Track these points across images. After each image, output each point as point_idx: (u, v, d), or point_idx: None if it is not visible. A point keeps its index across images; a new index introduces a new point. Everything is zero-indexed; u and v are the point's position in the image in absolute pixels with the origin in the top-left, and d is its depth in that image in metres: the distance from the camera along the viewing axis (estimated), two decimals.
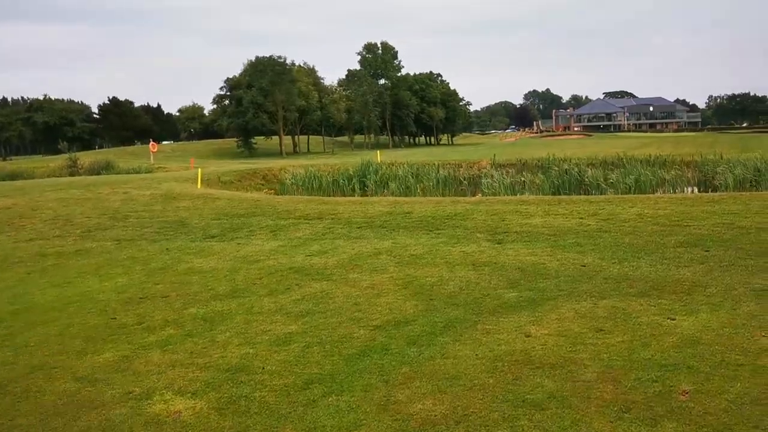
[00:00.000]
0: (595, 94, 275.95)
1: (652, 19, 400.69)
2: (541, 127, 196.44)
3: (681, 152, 59.81)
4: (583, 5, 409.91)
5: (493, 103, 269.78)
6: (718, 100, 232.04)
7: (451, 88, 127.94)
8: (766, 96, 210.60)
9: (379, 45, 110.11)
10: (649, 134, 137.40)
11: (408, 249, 11.51)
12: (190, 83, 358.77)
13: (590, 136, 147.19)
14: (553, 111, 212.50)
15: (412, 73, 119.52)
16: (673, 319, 6.80)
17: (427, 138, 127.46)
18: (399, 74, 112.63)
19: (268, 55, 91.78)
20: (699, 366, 5.56)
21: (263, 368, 6.29)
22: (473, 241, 11.86)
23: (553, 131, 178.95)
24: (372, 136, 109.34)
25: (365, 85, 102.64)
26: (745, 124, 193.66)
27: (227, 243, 13.60)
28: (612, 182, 26.12)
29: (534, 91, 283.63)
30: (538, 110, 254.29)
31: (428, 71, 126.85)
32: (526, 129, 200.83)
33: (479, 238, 12.11)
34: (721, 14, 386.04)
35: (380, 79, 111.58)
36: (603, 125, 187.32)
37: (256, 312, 8.34)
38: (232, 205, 19.09)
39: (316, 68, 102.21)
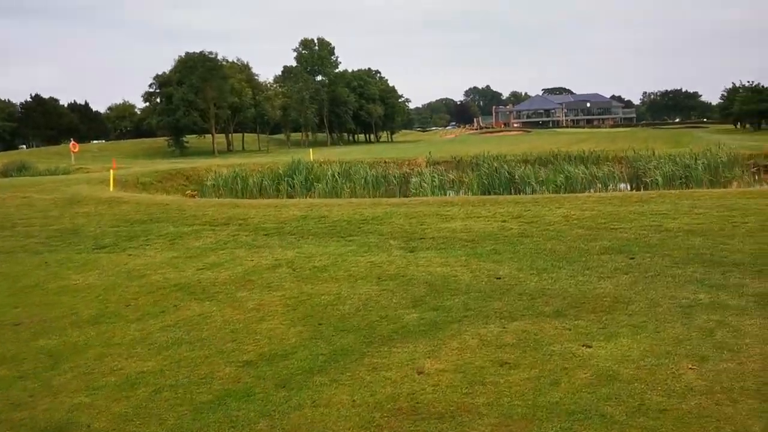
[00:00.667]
0: (535, 90, 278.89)
1: (590, 17, 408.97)
2: (482, 124, 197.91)
3: (615, 148, 60.10)
4: (522, 4, 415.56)
5: (434, 100, 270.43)
6: (652, 96, 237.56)
7: (390, 84, 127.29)
8: (697, 92, 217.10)
9: (315, 41, 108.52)
10: (585, 130, 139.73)
11: (312, 260, 10.37)
12: (122, 80, 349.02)
13: (529, 132, 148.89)
14: (493, 107, 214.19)
15: (350, 70, 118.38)
16: (590, 347, 5.85)
17: (367, 135, 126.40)
18: (336, 71, 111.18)
19: (198, 51, 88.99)
20: (614, 413, 4.59)
21: (89, 426, 5.05)
22: (385, 249, 10.80)
23: (492, 128, 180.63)
24: (309, 133, 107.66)
25: (301, 81, 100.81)
26: (677, 119, 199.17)
27: (117, 254, 12.21)
28: (542, 180, 25.49)
29: (474, 87, 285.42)
30: (479, 107, 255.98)
31: (367, 68, 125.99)
32: (467, 126, 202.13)
33: (392, 245, 11.05)
34: (655, 13, 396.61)
35: (317, 75, 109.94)
36: (542, 121, 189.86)
37: (115, 343, 7.09)
38: (138, 209, 17.60)
39: (250, 64, 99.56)
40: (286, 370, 5.86)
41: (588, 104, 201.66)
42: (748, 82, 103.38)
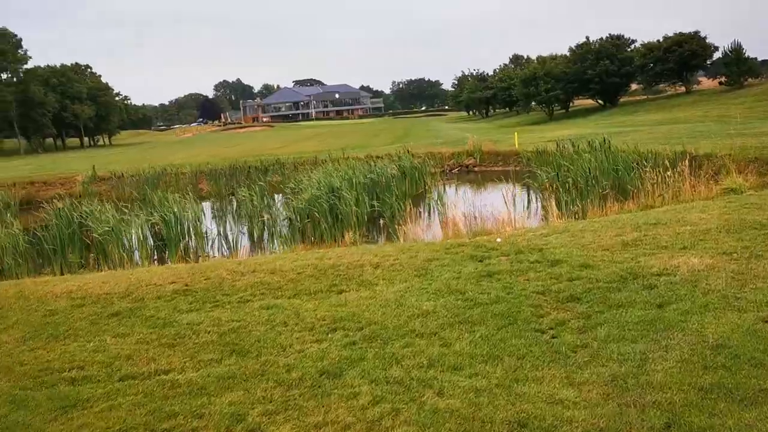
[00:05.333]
0: (287, 83, 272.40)
1: (337, 10, 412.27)
2: (230, 119, 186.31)
3: (340, 145, 53.47)
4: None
5: (182, 95, 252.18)
6: (401, 85, 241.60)
7: (104, 81, 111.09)
8: (438, 80, 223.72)
9: None
10: (328, 123, 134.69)
11: None
12: None
13: (272, 126, 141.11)
14: (241, 102, 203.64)
15: (44, 65, 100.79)
16: None
17: (82, 139, 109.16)
18: (27, 67, 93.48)
19: None
20: None
21: None
22: None
23: (241, 123, 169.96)
24: None
25: None
26: (423, 107, 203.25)
27: None
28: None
29: (225, 81, 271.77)
30: (230, 102, 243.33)
31: (73, 63, 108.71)
32: (214, 122, 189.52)
33: None
34: (394, 6, 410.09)
35: (1, 72, 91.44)
36: (292, 114, 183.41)
37: None
38: None
39: None
40: None
41: (337, 95, 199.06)
42: (475, 70, 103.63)
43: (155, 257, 17.05)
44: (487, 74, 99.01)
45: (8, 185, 39.96)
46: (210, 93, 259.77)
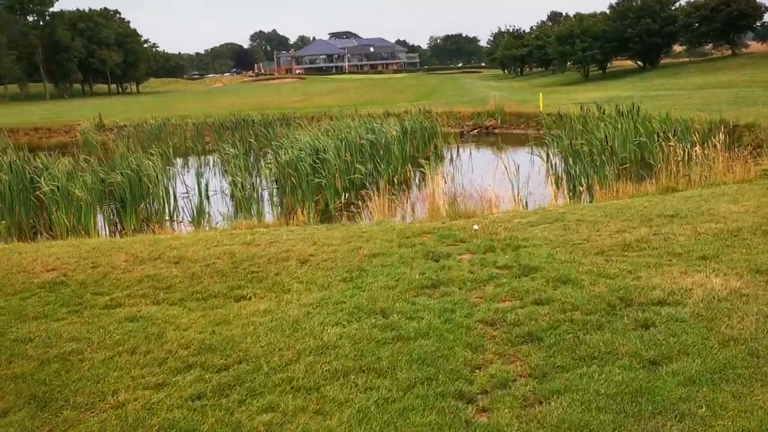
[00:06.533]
0: (323, 35, 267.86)
1: None
2: (263, 70, 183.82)
3: (361, 100, 51.07)
4: None
5: (218, 45, 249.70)
6: (438, 41, 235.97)
7: (132, 27, 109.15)
8: (476, 36, 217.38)
9: None
10: (358, 76, 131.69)
11: None
12: None
13: (303, 79, 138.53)
14: (275, 53, 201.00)
15: (75, 9, 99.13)
16: None
17: (110, 86, 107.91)
18: (53, 9, 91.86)
19: None
20: None
21: None
22: None
23: (273, 74, 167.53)
24: (16, 85, 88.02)
25: None
26: (460, 64, 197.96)
27: None
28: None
29: (260, 32, 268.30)
30: (265, 52, 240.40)
31: (102, 7, 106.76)
32: (248, 72, 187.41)
33: None
34: None
35: (28, 15, 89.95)
36: (325, 67, 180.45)
37: None
38: None
39: None
40: None
41: (372, 49, 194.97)
42: (512, 27, 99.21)
43: (114, 223, 15.16)
44: (524, 31, 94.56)
45: (11, 130, 38.60)
46: (245, 43, 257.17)
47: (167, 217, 14.79)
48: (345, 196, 15.68)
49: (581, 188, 12.57)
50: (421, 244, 8.00)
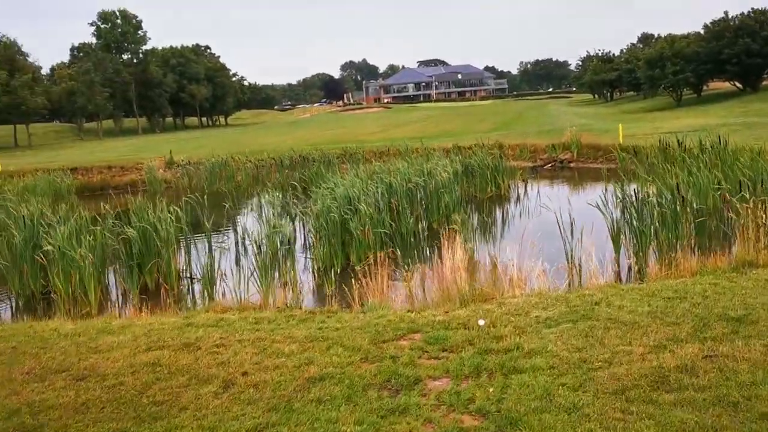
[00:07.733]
0: (412, 63, 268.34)
1: None
2: (351, 100, 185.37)
3: (437, 131, 49.50)
4: None
5: (309, 75, 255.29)
6: (528, 65, 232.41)
7: (222, 62, 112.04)
8: (567, 61, 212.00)
9: (117, 13, 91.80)
10: (444, 105, 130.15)
11: None
12: None
13: (389, 108, 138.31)
14: (364, 82, 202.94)
15: (166, 46, 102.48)
16: None
17: (201, 119, 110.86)
18: (145, 47, 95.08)
19: None
20: None
21: None
22: None
23: (362, 104, 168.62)
24: (111, 121, 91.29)
25: (92, 60, 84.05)
26: (550, 89, 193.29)
27: None
28: None
29: (350, 61, 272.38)
30: (355, 82, 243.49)
31: (194, 44, 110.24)
32: (337, 102, 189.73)
33: None
34: None
35: (123, 53, 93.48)
36: (413, 95, 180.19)
37: None
38: None
39: (19, 42, 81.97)
40: None
41: (459, 76, 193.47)
42: (600, 50, 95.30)
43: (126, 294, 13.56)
44: (614, 55, 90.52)
45: (86, 169, 39.03)
46: (336, 73, 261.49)
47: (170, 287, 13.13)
48: (373, 253, 13.76)
49: (630, 260, 10.15)
50: (392, 357, 6.09)
